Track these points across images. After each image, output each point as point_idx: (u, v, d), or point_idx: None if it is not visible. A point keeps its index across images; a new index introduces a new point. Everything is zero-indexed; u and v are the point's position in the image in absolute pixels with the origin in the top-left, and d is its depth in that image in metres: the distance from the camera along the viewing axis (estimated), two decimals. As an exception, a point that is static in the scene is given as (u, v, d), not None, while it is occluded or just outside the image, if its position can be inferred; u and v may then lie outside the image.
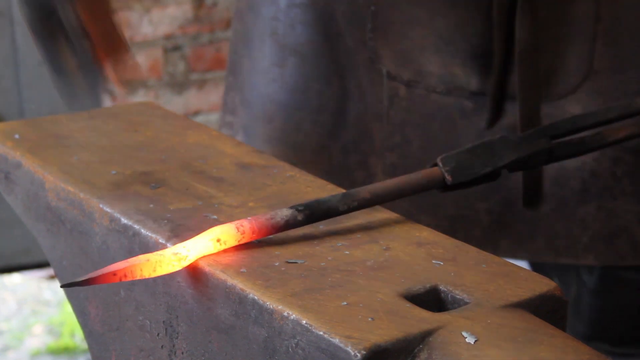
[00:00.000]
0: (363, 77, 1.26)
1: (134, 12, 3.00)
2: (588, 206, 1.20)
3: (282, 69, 1.31)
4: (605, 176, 1.19)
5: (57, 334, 3.06)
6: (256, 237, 0.86)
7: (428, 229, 0.91)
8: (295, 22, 1.30)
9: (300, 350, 0.75)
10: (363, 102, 1.26)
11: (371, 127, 1.26)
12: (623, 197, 1.19)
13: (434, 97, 1.23)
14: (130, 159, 1.05)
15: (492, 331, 0.75)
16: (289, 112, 1.31)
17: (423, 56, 1.23)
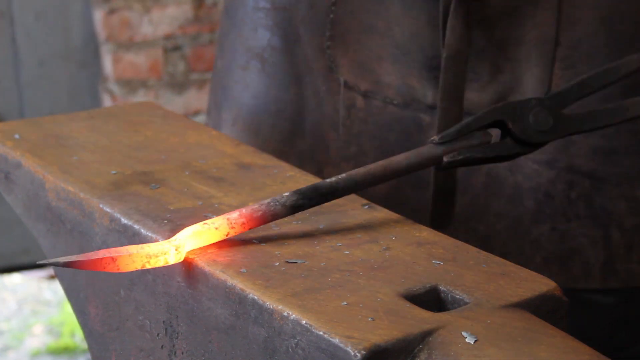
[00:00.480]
0: (321, 86, 1.25)
1: (134, 12, 3.01)
2: (542, 227, 1.19)
3: (245, 72, 1.31)
4: (559, 198, 1.18)
5: (57, 334, 3.06)
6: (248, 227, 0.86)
7: (428, 229, 0.91)
8: (257, 25, 1.29)
9: (300, 350, 0.75)
10: (320, 111, 1.25)
11: (327, 136, 1.25)
12: (577, 220, 1.19)
13: (391, 109, 1.22)
14: (130, 159, 1.05)
15: (492, 331, 0.75)
16: (250, 115, 1.30)
17: (381, 67, 1.21)
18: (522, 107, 0.98)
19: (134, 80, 3.03)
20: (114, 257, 0.82)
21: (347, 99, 1.23)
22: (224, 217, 0.87)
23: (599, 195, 1.18)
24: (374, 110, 1.22)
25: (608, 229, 1.18)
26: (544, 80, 1.17)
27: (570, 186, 1.18)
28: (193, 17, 3.08)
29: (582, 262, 1.20)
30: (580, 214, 1.19)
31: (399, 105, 1.21)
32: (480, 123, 0.96)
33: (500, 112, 0.97)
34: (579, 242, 1.19)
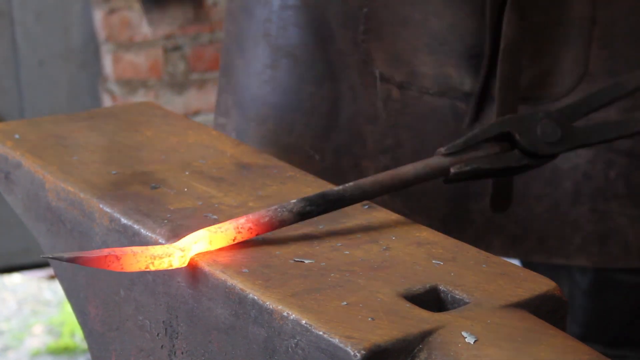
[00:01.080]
0: (355, 79, 1.26)
1: (134, 12, 3.00)
2: (581, 207, 1.20)
3: (275, 70, 1.31)
4: (598, 178, 1.19)
5: (57, 334, 3.06)
6: (255, 233, 0.86)
7: (428, 229, 0.91)
8: (287, 23, 1.29)
9: (300, 350, 0.75)
10: (355, 104, 1.26)
11: (364, 130, 1.26)
12: (616, 200, 1.19)
13: (427, 99, 1.22)
14: (130, 159, 1.05)
15: (492, 331, 0.75)
16: (281, 113, 1.30)
17: (416, 57, 1.22)
18: (529, 119, 0.98)
19: (134, 80, 3.03)
20: (118, 256, 0.82)
21: (383, 91, 1.24)
22: (231, 223, 0.86)
23: (638, 173, 1.19)
24: (410, 101, 1.23)
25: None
26: (581, 60, 1.18)
27: (609, 165, 1.19)
28: (193, 17, 3.07)
29: (621, 242, 1.20)
30: (619, 193, 1.19)
31: (435, 94, 1.22)
32: (488, 134, 0.96)
33: (508, 124, 0.97)
34: (618, 221, 1.19)
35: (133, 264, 0.82)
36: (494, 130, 0.97)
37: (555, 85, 1.19)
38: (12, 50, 2.99)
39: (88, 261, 0.81)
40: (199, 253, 0.85)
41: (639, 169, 1.19)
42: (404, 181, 0.93)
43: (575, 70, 1.18)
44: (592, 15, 1.17)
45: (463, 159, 0.95)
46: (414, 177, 0.93)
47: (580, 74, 1.18)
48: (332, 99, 1.27)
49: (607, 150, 1.18)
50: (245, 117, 1.34)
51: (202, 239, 0.85)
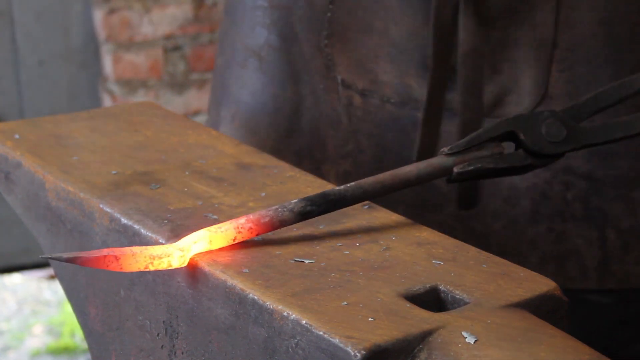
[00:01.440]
0: (318, 84, 1.25)
1: (134, 12, 3.00)
2: (538, 227, 1.19)
3: (243, 70, 1.31)
4: (556, 199, 1.18)
5: (57, 334, 3.06)
6: (256, 233, 0.86)
7: (428, 229, 0.91)
8: (255, 23, 1.30)
9: (300, 351, 0.75)
10: (317, 109, 1.26)
11: (325, 134, 1.25)
12: (573, 221, 1.19)
13: (388, 108, 1.22)
14: (130, 159, 1.05)
15: (492, 331, 0.75)
16: (247, 113, 1.31)
17: (378, 65, 1.22)
18: (534, 118, 0.96)
19: (134, 80, 3.03)
20: (117, 256, 0.82)
21: (345, 98, 1.23)
22: (231, 223, 0.86)
23: (596, 196, 1.18)
24: (371, 109, 1.22)
25: (604, 230, 1.19)
26: (540, 82, 1.17)
27: (567, 187, 1.18)
28: (193, 17, 3.08)
29: (578, 263, 1.20)
30: (576, 215, 1.19)
31: (396, 104, 1.21)
32: (491, 134, 0.94)
33: (512, 124, 0.95)
34: (575, 242, 1.19)
35: (132, 264, 0.82)
36: (498, 130, 0.95)
37: (514, 104, 1.18)
38: (12, 50, 2.99)
39: (87, 261, 0.81)
40: (199, 253, 0.85)
41: (596, 192, 1.18)
42: (405, 181, 0.92)
43: (534, 91, 1.17)
44: (554, 38, 1.16)
45: (466, 158, 0.93)
46: (416, 177, 0.92)
47: (540, 95, 1.17)
48: (294, 102, 1.27)
49: (564, 173, 1.18)
50: (220, 116, 1.35)
51: (202, 238, 0.85)
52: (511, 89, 1.18)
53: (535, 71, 1.17)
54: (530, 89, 1.17)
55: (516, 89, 1.18)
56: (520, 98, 1.17)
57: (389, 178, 0.92)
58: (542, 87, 1.17)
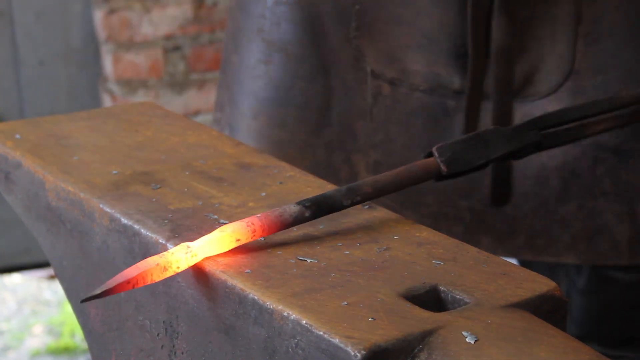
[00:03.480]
0: (347, 75, 1.27)
1: (134, 12, 3.00)
2: (569, 205, 1.21)
3: (268, 65, 1.32)
4: (585, 176, 1.20)
5: (57, 334, 3.06)
6: (266, 234, 0.86)
7: (428, 229, 0.91)
8: (281, 19, 1.30)
9: (300, 351, 0.75)
10: (347, 100, 1.27)
11: (355, 125, 1.27)
12: (603, 197, 1.20)
13: (417, 96, 1.24)
14: (130, 159, 1.05)
15: (492, 331, 0.75)
16: (273, 108, 1.31)
17: (407, 55, 1.23)
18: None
19: (134, 80, 3.03)
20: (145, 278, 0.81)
21: (374, 87, 1.25)
22: (242, 223, 0.86)
23: (625, 170, 1.19)
24: (400, 97, 1.24)
25: (633, 204, 1.20)
26: (567, 57, 1.18)
27: (596, 162, 1.19)
28: (193, 17, 3.07)
29: (609, 239, 1.20)
30: (606, 190, 1.20)
31: (426, 92, 1.23)
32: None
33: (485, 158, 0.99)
34: (606, 218, 1.20)
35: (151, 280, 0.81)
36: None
37: (542, 82, 1.20)
38: (12, 50, 2.99)
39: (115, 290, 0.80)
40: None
41: (625, 166, 1.19)
42: (399, 183, 0.93)
43: (561, 68, 1.19)
44: (578, 12, 1.18)
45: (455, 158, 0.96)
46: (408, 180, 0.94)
47: (567, 72, 1.19)
48: (324, 94, 1.28)
49: (594, 148, 1.19)
50: (238, 112, 1.35)
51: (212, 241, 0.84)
52: (538, 67, 1.19)
53: (560, 47, 1.19)
54: (557, 65, 1.19)
55: (543, 67, 1.19)
56: (547, 75, 1.19)
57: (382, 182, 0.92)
58: (568, 62, 1.19)
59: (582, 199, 1.20)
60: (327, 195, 0.89)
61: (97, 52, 3.05)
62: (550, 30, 1.19)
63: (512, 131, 1.00)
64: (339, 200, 0.89)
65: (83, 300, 0.81)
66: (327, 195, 0.89)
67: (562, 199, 1.21)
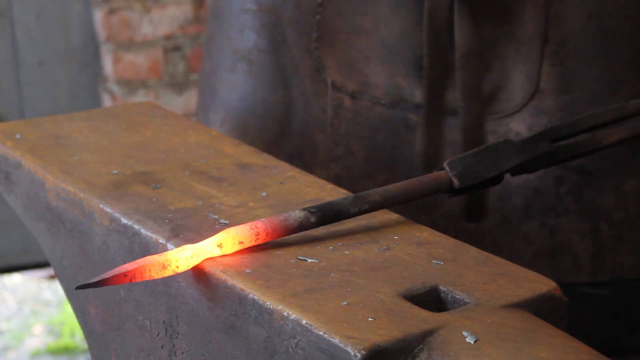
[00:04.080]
0: (308, 87, 1.25)
1: (134, 12, 3.00)
2: (531, 223, 1.20)
3: (232, 73, 1.31)
4: (549, 194, 1.19)
5: (57, 334, 3.06)
6: (269, 239, 0.86)
7: (428, 229, 0.91)
8: (244, 27, 1.29)
9: (300, 350, 0.75)
10: (307, 112, 1.25)
11: (315, 137, 1.25)
12: (566, 215, 1.20)
13: (379, 109, 1.22)
14: (130, 159, 1.05)
15: (492, 331, 0.75)
16: (237, 117, 1.31)
17: (368, 67, 1.22)
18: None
19: (134, 80, 3.03)
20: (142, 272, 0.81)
21: (335, 100, 1.23)
22: (246, 227, 0.86)
23: (588, 189, 1.19)
24: (361, 111, 1.23)
25: (597, 222, 1.20)
26: (532, 77, 1.18)
27: (560, 182, 1.19)
28: (193, 17, 3.08)
29: (571, 256, 1.20)
30: (569, 209, 1.19)
31: (387, 105, 1.21)
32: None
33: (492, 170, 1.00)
34: (568, 236, 1.20)
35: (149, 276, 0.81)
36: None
37: (506, 100, 1.19)
38: (12, 50, 2.99)
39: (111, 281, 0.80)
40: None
41: (589, 185, 1.19)
42: (407, 195, 0.94)
43: (526, 87, 1.18)
44: (544, 32, 1.17)
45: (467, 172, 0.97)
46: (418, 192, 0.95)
47: (531, 91, 1.18)
48: (284, 105, 1.27)
49: (557, 167, 1.19)
50: (209, 119, 1.35)
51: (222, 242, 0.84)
52: (503, 85, 1.19)
53: (526, 66, 1.18)
54: (522, 84, 1.18)
55: (508, 85, 1.19)
56: (512, 94, 1.19)
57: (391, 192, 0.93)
58: (533, 82, 1.18)
59: (545, 216, 1.20)
60: (334, 202, 0.89)
61: (97, 52, 3.05)
62: (516, 49, 1.18)
63: (523, 143, 1.01)
64: (346, 207, 0.89)
65: (78, 287, 0.81)
66: (333, 203, 0.89)
67: (525, 217, 1.21)
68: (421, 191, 0.95)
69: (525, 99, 1.19)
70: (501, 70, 1.19)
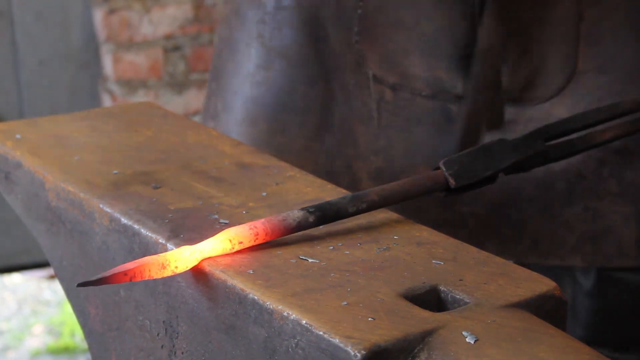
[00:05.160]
0: (349, 80, 1.26)
1: (134, 12, 3.01)
2: (574, 207, 1.20)
3: (268, 71, 1.31)
4: (591, 177, 1.19)
5: (57, 334, 3.06)
6: (269, 239, 0.86)
7: (428, 229, 0.91)
8: (282, 24, 1.30)
9: (300, 350, 0.75)
10: (348, 105, 1.26)
11: (356, 130, 1.26)
12: (609, 198, 1.20)
13: (419, 101, 1.23)
14: (130, 159, 1.05)
15: (492, 331, 0.75)
16: (274, 114, 1.31)
17: (408, 59, 1.23)
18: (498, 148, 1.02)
19: (134, 80, 3.03)
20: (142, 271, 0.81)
21: (376, 93, 1.24)
22: (245, 227, 0.86)
23: (630, 170, 1.19)
24: (402, 103, 1.24)
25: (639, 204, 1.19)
26: (569, 58, 1.18)
27: (601, 164, 1.19)
28: (193, 17, 3.08)
29: (615, 241, 1.20)
30: (612, 191, 1.19)
31: (427, 97, 1.22)
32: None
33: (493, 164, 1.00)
34: (612, 220, 1.20)
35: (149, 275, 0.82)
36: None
37: (544, 85, 1.19)
38: (12, 50, 2.99)
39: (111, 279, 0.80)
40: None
41: (630, 166, 1.19)
42: (405, 194, 0.94)
43: (564, 69, 1.19)
44: (579, 12, 1.18)
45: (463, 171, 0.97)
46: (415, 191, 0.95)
47: (569, 73, 1.19)
48: (325, 100, 1.28)
49: (599, 149, 1.19)
50: (235, 120, 1.34)
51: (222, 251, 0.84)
52: (540, 69, 1.19)
53: (563, 48, 1.18)
54: (559, 66, 1.19)
55: (545, 69, 1.19)
56: (550, 78, 1.19)
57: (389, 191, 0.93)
58: (571, 63, 1.18)
59: (588, 200, 1.20)
60: (332, 202, 0.89)
61: (97, 52, 3.05)
62: (551, 31, 1.18)
63: (517, 142, 1.01)
64: (344, 207, 0.90)
65: (79, 285, 0.81)
66: (332, 202, 0.89)
67: (567, 202, 1.21)
68: (419, 190, 0.95)
69: (564, 81, 1.19)
70: (538, 53, 1.19)
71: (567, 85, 1.19)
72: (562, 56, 1.19)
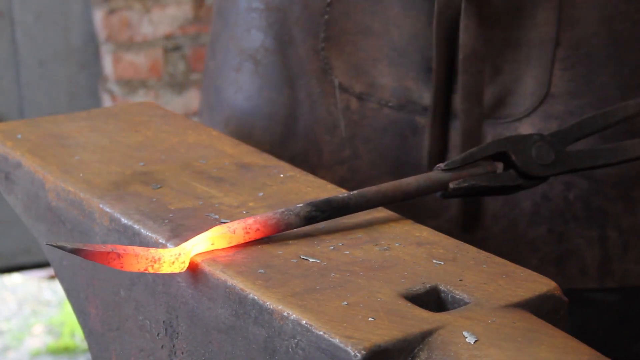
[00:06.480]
0: (314, 87, 1.23)
1: (134, 12, 3.00)
2: (538, 228, 1.20)
3: (238, 73, 1.30)
4: (557, 200, 1.18)
5: (57, 334, 3.06)
6: (261, 235, 0.86)
7: (428, 229, 0.91)
8: (251, 27, 1.28)
9: (300, 350, 0.75)
10: (313, 113, 1.24)
11: (321, 139, 1.24)
12: (574, 221, 1.19)
13: (386, 112, 1.21)
14: (130, 159, 1.05)
15: (492, 331, 0.75)
16: (242, 117, 1.30)
17: (376, 68, 1.20)
18: (525, 141, 1.01)
19: (134, 80, 3.03)
20: (121, 254, 0.82)
21: (342, 101, 1.22)
22: (240, 223, 0.86)
23: (597, 196, 1.18)
24: (368, 113, 1.21)
25: (605, 229, 1.19)
26: (543, 81, 1.17)
27: (568, 188, 1.18)
28: (193, 17, 3.08)
29: (578, 263, 1.20)
30: (577, 215, 1.19)
31: (394, 108, 1.20)
32: (484, 153, 0.99)
33: (504, 144, 1.00)
34: (576, 242, 1.19)
35: (133, 264, 0.82)
36: (491, 149, 0.99)
37: (515, 105, 1.18)
38: (12, 50, 2.99)
39: (90, 255, 0.81)
40: (200, 253, 0.85)
41: (597, 192, 1.18)
42: (405, 192, 0.94)
43: (536, 91, 1.17)
44: (556, 36, 1.16)
45: (462, 175, 0.97)
46: (415, 189, 0.95)
47: (542, 95, 1.17)
48: (290, 106, 1.26)
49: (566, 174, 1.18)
50: (212, 119, 1.34)
51: (210, 239, 0.85)
52: (513, 89, 1.17)
53: (537, 70, 1.17)
54: (532, 88, 1.17)
55: (518, 90, 1.17)
56: (522, 98, 1.17)
57: (391, 188, 0.93)
58: (544, 86, 1.17)
59: (552, 223, 1.19)
60: (328, 199, 0.90)
61: (97, 52, 3.05)
62: (526, 52, 1.17)
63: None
64: (343, 204, 0.90)
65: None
66: (327, 200, 0.89)
67: (532, 222, 1.20)
68: (417, 190, 0.94)
69: (536, 103, 1.18)
70: (511, 73, 1.17)
71: (538, 107, 1.18)
72: (535, 78, 1.17)
